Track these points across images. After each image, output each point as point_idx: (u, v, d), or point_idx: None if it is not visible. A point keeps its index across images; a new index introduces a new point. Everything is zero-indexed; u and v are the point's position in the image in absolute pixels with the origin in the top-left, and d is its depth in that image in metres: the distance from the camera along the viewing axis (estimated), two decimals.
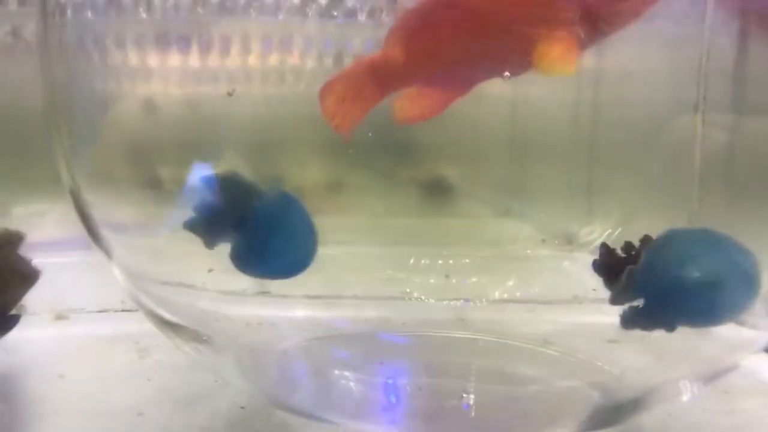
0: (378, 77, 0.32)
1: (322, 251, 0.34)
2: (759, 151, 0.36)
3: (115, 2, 0.35)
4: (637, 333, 0.37)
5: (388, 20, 0.35)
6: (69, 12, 0.35)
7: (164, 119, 0.36)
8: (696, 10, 0.35)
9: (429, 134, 0.35)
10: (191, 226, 0.32)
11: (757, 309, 0.32)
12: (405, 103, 0.33)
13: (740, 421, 0.37)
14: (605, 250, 0.32)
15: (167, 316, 0.36)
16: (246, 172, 0.34)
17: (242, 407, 0.35)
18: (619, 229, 0.37)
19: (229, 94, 0.34)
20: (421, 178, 0.38)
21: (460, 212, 0.39)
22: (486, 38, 0.31)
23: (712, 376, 0.35)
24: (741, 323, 0.33)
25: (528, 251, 0.41)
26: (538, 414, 0.35)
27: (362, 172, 0.36)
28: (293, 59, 0.35)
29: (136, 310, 0.37)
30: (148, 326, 0.36)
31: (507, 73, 0.31)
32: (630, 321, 0.30)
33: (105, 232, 0.36)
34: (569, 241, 0.40)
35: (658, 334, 0.36)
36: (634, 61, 0.36)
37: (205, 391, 0.37)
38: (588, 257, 0.35)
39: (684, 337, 0.35)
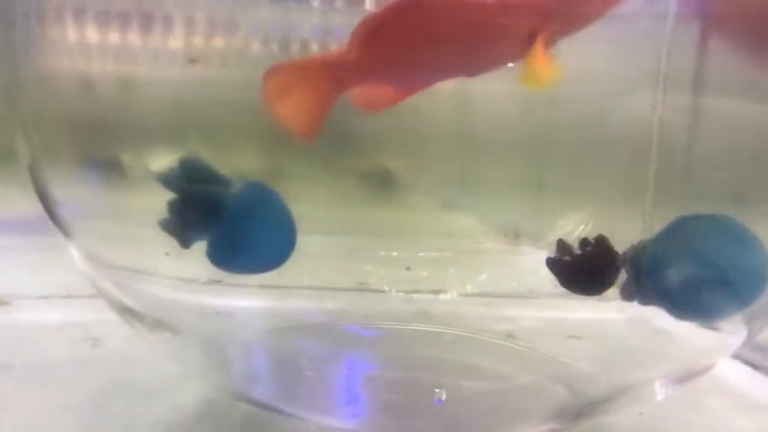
0: (335, 76, 0.32)
1: None
2: (716, 150, 0.37)
3: None
4: (596, 330, 0.38)
5: (341, 5, 0.34)
6: None
7: (101, 99, 0.34)
8: (657, 9, 0.36)
9: (372, 126, 0.35)
10: (166, 226, 0.31)
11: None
12: (362, 91, 0.33)
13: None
14: (562, 246, 0.32)
15: (128, 302, 0.34)
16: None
17: (208, 401, 0.34)
18: (585, 226, 0.38)
19: (192, 62, 0.33)
20: (363, 169, 0.37)
21: (403, 204, 0.38)
22: (452, 43, 0.31)
23: (683, 377, 0.35)
24: (715, 328, 0.34)
25: (482, 245, 0.41)
26: (508, 410, 0.35)
27: (302, 161, 0.36)
28: (237, 42, 0.34)
29: (83, 297, 0.36)
30: (97, 314, 0.35)
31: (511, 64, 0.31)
32: (628, 294, 0.30)
33: (62, 212, 0.34)
34: (518, 235, 0.41)
35: (620, 333, 0.37)
36: (592, 59, 0.36)
37: (167, 384, 0.36)
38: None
39: (648, 337, 0.36)
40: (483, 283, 0.39)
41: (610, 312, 0.38)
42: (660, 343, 0.35)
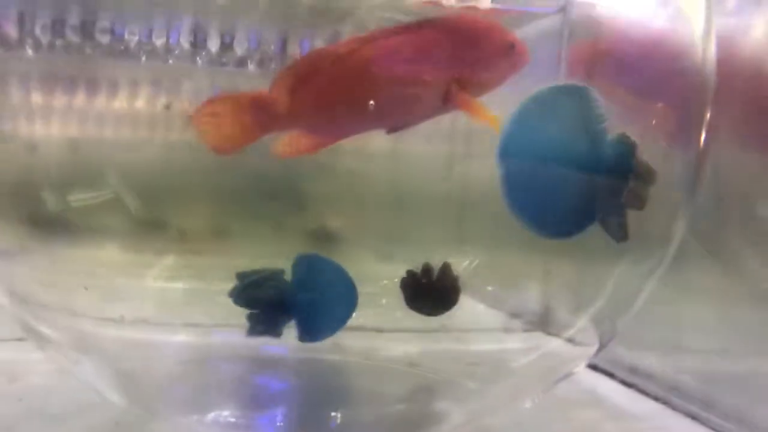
0: (260, 114, 0.33)
1: (203, 286, 0.36)
2: None
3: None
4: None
5: (277, 69, 0.35)
6: None
7: (46, 159, 0.35)
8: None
9: (316, 186, 0.36)
10: (256, 333, 0.34)
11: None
12: (284, 140, 0.34)
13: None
14: (410, 274, 0.35)
15: (48, 333, 0.36)
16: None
17: (116, 423, 0.36)
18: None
19: (166, 108, 0.34)
20: (306, 227, 0.37)
21: (343, 258, 0.38)
22: (368, 95, 0.33)
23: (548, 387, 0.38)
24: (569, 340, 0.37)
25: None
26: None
27: (249, 220, 0.36)
28: (182, 105, 0.35)
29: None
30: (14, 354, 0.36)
31: None
32: None
33: None
34: None
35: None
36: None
37: (79, 409, 0.37)
38: None
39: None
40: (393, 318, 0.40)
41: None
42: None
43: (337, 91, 0.34)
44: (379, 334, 0.40)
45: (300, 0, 0.36)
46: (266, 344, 0.38)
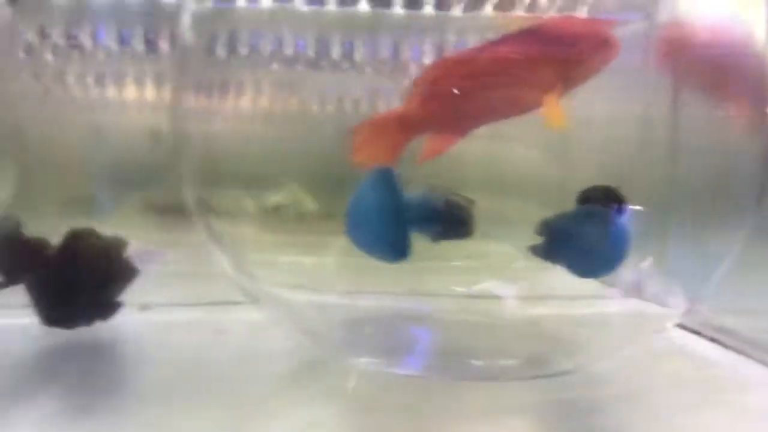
0: (404, 126, 0.37)
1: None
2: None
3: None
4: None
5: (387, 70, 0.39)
6: None
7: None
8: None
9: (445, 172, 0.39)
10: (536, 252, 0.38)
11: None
12: (425, 146, 0.38)
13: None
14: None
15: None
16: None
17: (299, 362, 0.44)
18: None
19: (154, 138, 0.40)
20: None
21: None
22: (486, 94, 0.36)
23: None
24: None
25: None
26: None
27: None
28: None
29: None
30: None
31: None
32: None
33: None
34: None
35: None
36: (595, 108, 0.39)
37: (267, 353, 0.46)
38: None
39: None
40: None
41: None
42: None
43: (464, 94, 0.37)
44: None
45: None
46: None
